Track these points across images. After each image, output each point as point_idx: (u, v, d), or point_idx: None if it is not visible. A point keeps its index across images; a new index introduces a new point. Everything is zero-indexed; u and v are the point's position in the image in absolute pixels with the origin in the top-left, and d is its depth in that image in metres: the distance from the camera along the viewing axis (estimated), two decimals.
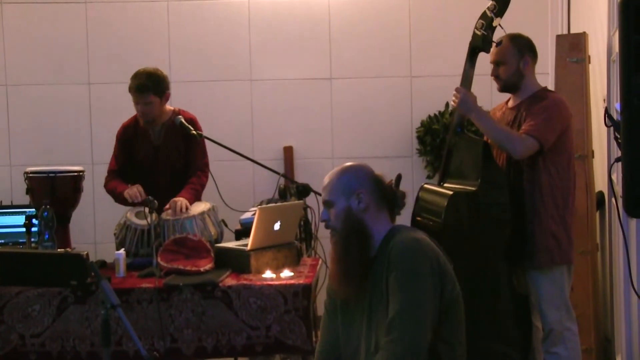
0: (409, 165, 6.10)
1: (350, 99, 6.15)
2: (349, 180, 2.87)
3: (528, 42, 3.96)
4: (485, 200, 3.73)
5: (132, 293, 3.72)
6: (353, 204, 2.84)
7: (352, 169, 2.92)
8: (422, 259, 2.71)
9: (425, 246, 2.75)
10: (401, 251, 2.72)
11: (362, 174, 2.91)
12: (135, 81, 4.43)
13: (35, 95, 6.14)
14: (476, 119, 3.89)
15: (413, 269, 2.69)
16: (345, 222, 2.84)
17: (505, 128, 3.84)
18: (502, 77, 3.94)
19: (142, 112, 4.48)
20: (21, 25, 6.14)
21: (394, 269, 2.71)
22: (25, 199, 4.66)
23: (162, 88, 4.45)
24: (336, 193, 2.86)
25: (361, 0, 6.11)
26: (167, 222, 4.17)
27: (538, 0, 5.95)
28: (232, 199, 4.54)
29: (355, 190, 2.85)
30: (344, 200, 2.85)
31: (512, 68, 3.92)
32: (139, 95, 4.42)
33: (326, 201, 2.90)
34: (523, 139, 3.73)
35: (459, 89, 3.89)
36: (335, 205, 2.86)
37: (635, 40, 1.98)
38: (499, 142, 3.82)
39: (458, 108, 3.90)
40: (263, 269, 3.91)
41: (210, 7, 6.13)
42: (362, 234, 2.84)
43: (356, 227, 2.83)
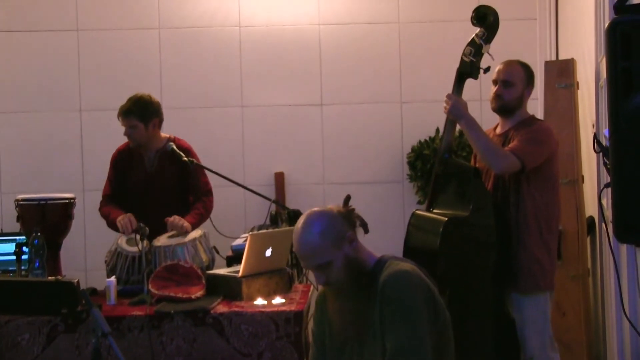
0: (399, 190, 6.10)
1: (341, 125, 6.15)
2: (330, 231, 2.71)
3: (533, 74, 4.02)
4: (475, 224, 3.75)
5: (123, 321, 3.70)
6: (347, 250, 2.73)
7: (322, 218, 2.74)
8: (416, 291, 2.68)
9: (416, 277, 2.72)
10: (394, 285, 2.68)
11: (333, 216, 2.75)
12: (123, 105, 4.52)
13: (26, 122, 6.13)
14: (465, 125, 3.90)
15: (408, 303, 2.66)
16: (350, 271, 2.73)
17: (492, 142, 3.87)
18: (506, 98, 3.95)
19: (127, 135, 4.56)
20: (13, 52, 6.14)
21: (389, 303, 2.67)
22: (16, 227, 4.64)
23: (147, 114, 4.49)
24: (328, 250, 2.70)
25: (351, 27, 6.14)
26: (158, 248, 4.15)
27: (526, 27, 5.98)
28: (223, 226, 4.54)
29: (343, 235, 2.72)
30: (338, 251, 2.71)
31: (517, 92, 3.95)
32: (123, 119, 4.51)
33: (320, 265, 2.72)
34: (506, 155, 3.77)
35: (450, 96, 3.91)
36: (333, 262, 2.70)
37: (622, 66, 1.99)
38: (483, 153, 3.84)
39: (449, 114, 3.91)
40: (254, 296, 3.90)
41: (202, 34, 6.15)
42: (364, 273, 2.76)
43: (359, 269, 2.75)
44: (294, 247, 2.79)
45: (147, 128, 4.51)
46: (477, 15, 3.94)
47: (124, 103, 4.53)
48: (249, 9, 6.14)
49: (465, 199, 3.79)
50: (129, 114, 4.48)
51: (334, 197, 3.06)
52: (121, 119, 4.52)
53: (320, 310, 2.95)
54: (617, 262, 3.45)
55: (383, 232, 5.51)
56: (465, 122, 3.89)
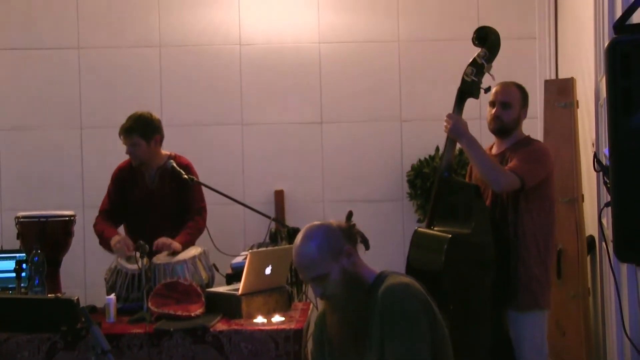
0: (399, 208, 6.11)
1: (340, 143, 6.17)
2: (328, 243, 2.72)
3: (527, 95, 4.07)
4: (476, 242, 3.76)
5: (122, 338, 3.69)
6: (345, 263, 2.73)
7: (320, 231, 2.76)
8: (414, 304, 2.68)
9: (415, 290, 2.72)
10: (392, 298, 2.68)
11: (332, 230, 2.76)
12: (124, 123, 4.54)
13: (27, 139, 6.15)
14: (466, 145, 3.91)
15: (407, 315, 2.66)
16: (346, 285, 2.72)
17: (493, 160, 3.88)
18: (505, 119, 3.98)
19: (129, 154, 4.57)
20: (14, 69, 6.16)
21: (388, 315, 2.66)
22: (15, 244, 4.64)
23: (148, 131, 4.51)
24: (325, 263, 2.71)
25: (351, 45, 6.17)
26: (158, 266, 4.15)
27: (526, 46, 6.01)
28: (223, 243, 4.53)
29: (341, 248, 2.73)
30: (335, 264, 2.72)
31: (515, 114, 3.98)
32: (125, 137, 4.53)
33: (317, 277, 2.73)
34: (506, 174, 3.80)
35: (450, 115, 3.93)
36: (330, 275, 2.71)
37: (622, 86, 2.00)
38: (483, 172, 3.85)
39: (449, 133, 3.92)
40: (254, 314, 3.89)
41: (202, 52, 6.17)
42: (362, 288, 2.76)
43: (357, 284, 2.74)
44: (293, 258, 2.79)
45: (149, 145, 4.53)
46: (479, 36, 3.96)
47: (125, 122, 4.55)
48: (249, 27, 6.16)
49: (466, 217, 3.80)
50: (130, 132, 4.50)
51: (334, 214, 3.06)
52: (123, 138, 4.53)
53: (320, 330, 2.94)
54: (618, 281, 3.45)
55: (383, 250, 5.51)
56: (466, 142, 3.91)
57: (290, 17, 6.16)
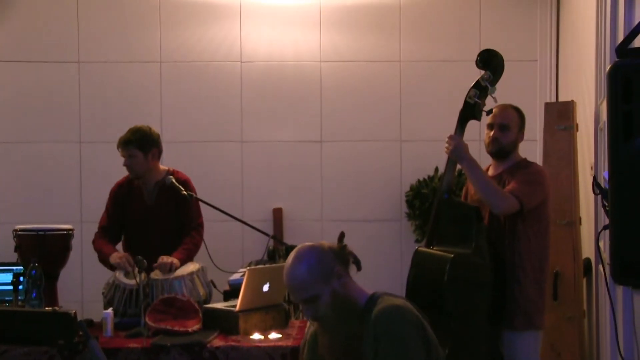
0: (397, 228, 6.13)
1: (340, 162, 6.20)
2: (319, 265, 2.73)
3: (524, 117, 4.10)
4: (475, 262, 3.78)
5: (119, 353, 3.69)
6: (336, 285, 2.73)
7: (311, 253, 2.76)
8: (408, 327, 2.68)
9: (408, 313, 2.72)
10: (387, 320, 2.68)
11: (323, 252, 2.77)
12: (123, 136, 4.55)
13: (26, 153, 6.18)
14: (467, 167, 3.94)
15: (401, 337, 2.66)
16: (337, 307, 2.73)
17: (493, 183, 3.91)
18: (503, 141, 4.01)
19: (126, 166, 4.57)
20: (13, 82, 6.20)
21: (381, 338, 2.66)
22: (13, 257, 4.64)
23: (146, 144, 4.52)
24: (316, 284, 2.71)
25: (352, 64, 6.21)
26: (155, 281, 4.16)
27: (527, 69, 6.05)
28: (221, 260, 4.54)
29: (332, 270, 2.73)
30: (326, 286, 2.72)
31: (513, 136, 4.02)
32: (123, 149, 4.53)
33: (308, 299, 2.73)
34: (506, 196, 3.82)
35: (452, 137, 3.95)
36: (321, 297, 2.72)
37: (623, 110, 2.01)
38: (484, 194, 3.87)
39: (450, 155, 3.95)
40: (251, 331, 3.90)
41: (203, 69, 6.21)
42: (354, 309, 2.76)
43: (347, 305, 2.75)
44: (284, 279, 2.80)
45: (146, 158, 4.53)
46: (483, 59, 3.98)
47: (124, 134, 4.57)
48: (250, 44, 6.20)
49: (465, 238, 3.81)
50: (128, 144, 4.51)
51: (332, 233, 3.07)
52: (121, 149, 4.54)
53: (312, 351, 2.95)
54: (614, 303, 3.47)
55: (381, 269, 5.54)
56: (466, 164, 3.93)
57: (292, 35, 6.21)
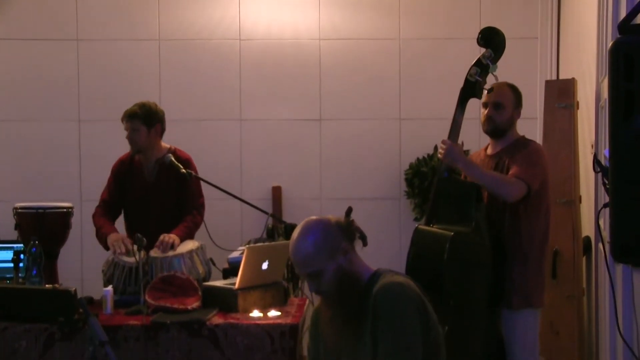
0: (396, 207, 6.13)
1: (339, 140, 6.19)
2: (326, 241, 2.71)
3: (521, 94, 4.06)
4: (475, 241, 3.77)
5: (119, 330, 3.70)
6: (341, 261, 2.72)
7: (317, 228, 2.74)
8: (408, 303, 2.67)
9: (409, 290, 2.71)
10: (387, 296, 2.67)
11: (329, 227, 2.74)
12: (129, 108, 4.56)
13: (25, 131, 6.16)
14: (464, 168, 3.92)
15: (400, 314, 2.66)
16: (341, 283, 2.71)
17: (495, 173, 3.89)
18: (498, 120, 3.98)
19: (129, 139, 4.58)
20: (12, 61, 6.17)
21: (381, 315, 2.67)
22: (13, 235, 4.65)
23: (151, 119, 4.53)
24: (320, 260, 2.70)
25: (351, 42, 6.18)
26: (155, 260, 4.17)
27: (527, 46, 6.02)
28: (220, 238, 4.54)
29: (337, 246, 2.72)
30: (332, 262, 2.70)
31: (508, 114, 3.99)
32: (127, 121, 4.54)
33: (312, 274, 2.72)
34: (514, 182, 3.79)
35: (445, 141, 3.90)
36: (325, 272, 2.70)
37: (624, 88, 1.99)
38: (491, 188, 3.84)
39: (444, 159, 3.90)
40: (250, 308, 3.91)
41: (201, 47, 6.19)
42: (358, 286, 2.75)
43: (351, 282, 2.73)
44: (289, 252, 2.79)
45: (149, 133, 4.53)
46: (484, 36, 3.94)
47: (130, 107, 4.57)
48: (249, 22, 6.18)
49: (465, 216, 3.80)
50: (133, 117, 4.51)
51: (331, 212, 3.06)
52: (125, 122, 4.54)
53: (315, 325, 2.95)
54: (613, 282, 3.47)
55: (379, 248, 5.53)
56: (462, 165, 3.91)
57: (290, 12, 6.18)
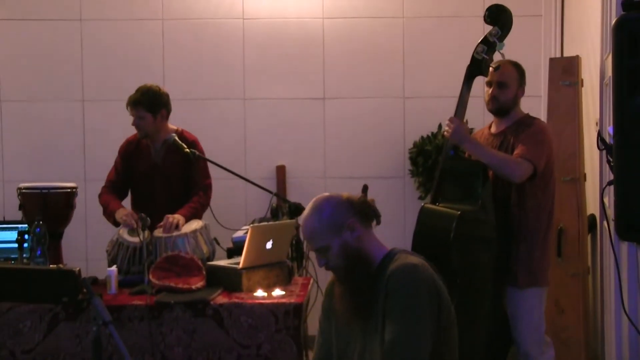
0: (400, 185, 6.11)
1: (343, 119, 6.16)
2: (332, 217, 2.74)
3: (524, 72, 4.02)
4: (481, 219, 3.76)
5: (123, 310, 3.71)
6: (347, 237, 2.74)
7: (326, 204, 2.77)
8: (421, 286, 2.66)
9: (423, 272, 2.69)
10: (400, 278, 2.66)
11: (338, 203, 2.77)
12: (132, 95, 4.53)
13: (29, 111, 6.14)
14: (470, 148, 3.89)
15: (412, 296, 2.64)
16: (347, 258, 2.74)
17: (501, 154, 3.87)
18: (502, 99, 3.97)
19: (135, 125, 4.57)
20: (16, 41, 6.15)
21: (392, 295, 2.65)
22: (18, 215, 4.64)
23: (155, 105, 4.50)
24: (326, 235, 2.73)
25: (355, 21, 6.14)
26: (159, 239, 4.16)
27: (531, 24, 5.98)
28: (224, 218, 4.54)
29: (343, 223, 2.74)
30: (337, 238, 2.73)
31: (512, 93, 3.97)
32: (132, 109, 4.52)
33: (319, 249, 2.77)
34: (520, 163, 3.77)
35: (452, 119, 3.88)
36: (331, 247, 2.74)
37: (628, 64, 1.98)
38: (497, 168, 3.82)
39: (450, 138, 3.87)
40: (254, 288, 3.91)
41: (205, 26, 6.15)
42: (366, 263, 2.76)
43: (359, 259, 2.75)
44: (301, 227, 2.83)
45: (154, 119, 4.52)
46: (491, 14, 3.90)
47: (133, 93, 4.53)
48: (253, 1, 6.13)
49: (471, 195, 3.78)
50: (137, 105, 4.49)
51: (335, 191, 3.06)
52: (130, 109, 4.53)
53: (329, 299, 2.95)
54: (618, 259, 3.45)
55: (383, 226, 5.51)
56: (469, 145, 3.87)
57: None
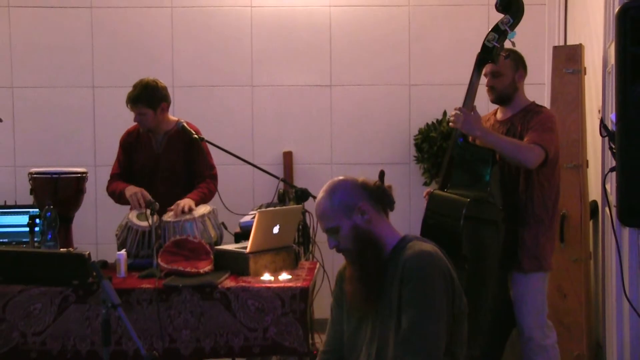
0: (406, 172, 6.10)
1: (349, 106, 6.15)
2: (343, 199, 2.75)
3: (521, 57, 4.02)
4: (490, 206, 3.76)
5: (132, 293, 3.71)
6: (358, 220, 2.74)
7: (339, 186, 2.79)
8: (437, 274, 2.66)
9: (438, 260, 2.70)
10: (416, 265, 2.66)
11: (351, 186, 2.79)
12: (131, 92, 4.49)
13: (40, 98, 6.15)
14: (482, 137, 3.83)
15: (428, 284, 2.64)
16: (356, 240, 2.75)
17: (513, 140, 3.84)
18: (498, 88, 3.97)
19: (138, 122, 4.55)
20: (28, 29, 6.14)
21: (408, 283, 2.65)
22: (29, 199, 4.65)
23: (155, 100, 4.46)
24: (337, 216, 2.75)
25: (362, 9, 6.12)
26: (167, 224, 4.16)
27: (535, 12, 5.94)
28: (232, 203, 4.54)
29: (354, 205, 2.75)
30: (347, 220, 2.74)
31: (508, 80, 3.96)
32: (132, 106, 4.49)
33: (330, 229, 2.78)
34: (532, 148, 3.76)
35: (461, 109, 3.82)
36: (342, 229, 2.75)
37: (631, 52, 1.98)
38: (510, 154, 3.79)
39: (462, 128, 3.82)
40: (261, 272, 3.91)
41: (214, 14, 6.14)
42: (376, 247, 2.76)
43: (368, 242, 2.75)
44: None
45: (155, 113, 4.49)
46: (502, 3, 3.86)
47: (131, 90, 4.49)
48: None
49: (480, 181, 3.77)
50: (137, 102, 4.45)
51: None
52: (130, 106, 4.49)
53: (340, 286, 2.95)
54: (620, 245, 3.45)
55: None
56: (480, 134, 3.81)
57: None
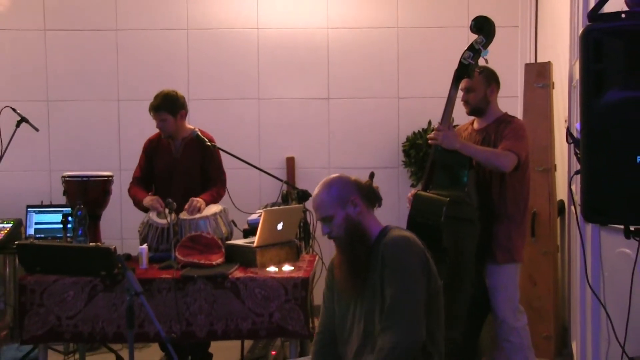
0: (395, 175, 6.10)
1: (345, 117, 6.15)
2: (339, 192, 2.80)
3: (493, 73, 3.99)
4: (467, 204, 3.74)
5: (153, 283, 3.71)
6: (350, 211, 2.79)
7: (335, 181, 2.84)
8: (413, 254, 2.70)
9: (413, 243, 2.74)
10: (393, 248, 2.70)
11: (346, 182, 2.84)
12: (153, 101, 4.47)
13: (72, 110, 6.14)
14: (461, 149, 3.79)
15: (405, 263, 2.67)
16: (347, 228, 2.79)
17: (489, 149, 3.83)
18: (471, 102, 3.95)
19: (159, 128, 4.53)
20: (61, 49, 6.14)
21: (388, 264, 2.69)
22: (62, 200, 4.65)
23: (175, 107, 4.46)
24: (332, 206, 2.79)
25: (356, 31, 6.12)
26: (184, 221, 4.16)
27: (509, 33, 5.95)
28: (241, 202, 4.53)
29: (348, 198, 2.79)
30: (341, 209, 2.78)
31: (480, 95, 3.94)
32: (155, 113, 4.47)
33: (325, 217, 2.82)
34: (507, 155, 3.75)
35: (439, 128, 3.80)
36: (335, 217, 2.79)
37: (594, 69, 1.98)
38: (487, 162, 3.77)
39: (442, 144, 3.78)
40: (267, 264, 3.91)
41: (224, 36, 6.14)
42: (363, 236, 2.80)
43: (358, 231, 2.79)
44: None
45: (175, 120, 4.48)
46: (477, 24, 3.85)
47: (153, 100, 4.47)
48: (266, 13, 6.13)
49: (458, 182, 3.76)
50: (159, 109, 4.44)
51: None
52: (153, 114, 4.47)
53: (331, 273, 2.97)
54: (584, 239, 3.45)
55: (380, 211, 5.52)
56: (459, 146, 3.78)
57: (302, 4, 6.12)
